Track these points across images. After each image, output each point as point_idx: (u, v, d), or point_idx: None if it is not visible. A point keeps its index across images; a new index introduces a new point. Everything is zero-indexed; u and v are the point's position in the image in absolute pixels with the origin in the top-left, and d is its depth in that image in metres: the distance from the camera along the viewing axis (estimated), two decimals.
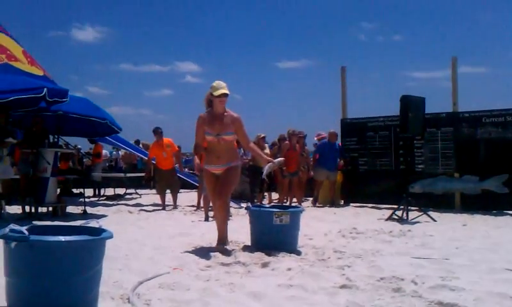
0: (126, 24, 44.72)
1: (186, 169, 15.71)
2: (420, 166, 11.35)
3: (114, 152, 19.57)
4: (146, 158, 13.09)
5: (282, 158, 6.57)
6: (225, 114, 5.74)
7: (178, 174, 14.30)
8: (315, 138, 13.72)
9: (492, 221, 9.13)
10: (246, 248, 5.85)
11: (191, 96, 42.12)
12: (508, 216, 9.83)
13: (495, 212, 10.20)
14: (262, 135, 12.50)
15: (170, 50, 44.44)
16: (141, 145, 16.46)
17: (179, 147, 14.71)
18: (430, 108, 10.34)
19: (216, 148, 5.74)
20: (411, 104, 9.39)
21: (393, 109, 10.19)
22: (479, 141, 10.80)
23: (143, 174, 14.22)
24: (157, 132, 11.37)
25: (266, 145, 12.71)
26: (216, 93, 5.66)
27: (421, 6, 41.50)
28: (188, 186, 14.32)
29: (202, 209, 9.91)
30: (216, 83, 5.69)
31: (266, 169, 6.11)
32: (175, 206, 11.32)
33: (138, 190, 15.78)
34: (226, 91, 5.67)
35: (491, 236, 7.30)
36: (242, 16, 43.41)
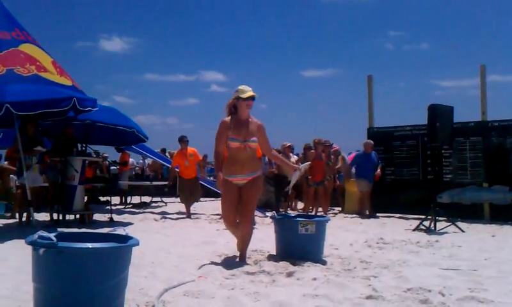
0: (152, 35, 45.31)
1: (211, 178, 15.72)
2: (448, 176, 11.19)
3: (141, 161, 19.75)
4: (170, 166, 13.14)
5: (308, 163, 6.49)
6: (250, 120, 5.48)
7: (203, 183, 14.37)
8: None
9: None
10: (271, 257, 5.83)
11: (216, 105, 42.31)
12: None
13: None
14: (288, 144, 12.51)
15: (195, 60, 44.88)
16: (167, 154, 16.58)
17: (205, 156, 14.80)
18: (458, 117, 10.20)
19: (240, 156, 5.37)
20: (439, 113, 9.27)
21: (421, 118, 10.10)
22: (508, 151, 10.61)
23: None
24: (183, 140, 11.43)
25: (291, 154, 12.69)
26: (244, 95, 5.36)
27: (448, 14, 41.19)
28: (213, 194, 14.34)
29: None
30: (242, 86, 5.42)
31: (294, 176, 5.93)
32: (189, 215, 11.31)
33: (164, 199, 15.89)
34: (254, 94, 5.41)
35: None
36: (267, 25, 43.65)
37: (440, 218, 9.29)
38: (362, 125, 12.72)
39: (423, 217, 9.38)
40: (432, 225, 9.03)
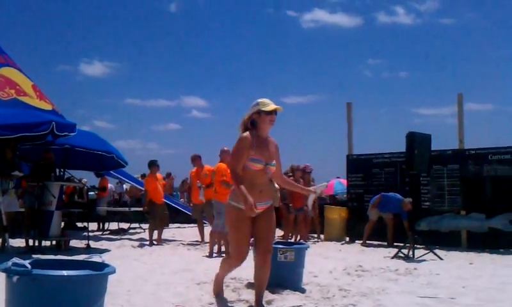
0: (133, 59, 45.31)
1: (190, 204, 15.65)
2: (426, 203, 11.29)
3: (119, 186, 19.61)
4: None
5: (324, 184, 5.69)
6: (268, 139, 4.65)
7: (183, 209, 14.32)
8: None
9: (499, 260, 9.02)
10: (249, 285, 5.77)
11: (197, 130, 42.25)
12: None
13: (502, 250, 10.08)
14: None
15: (177, 85, 44.91)
16: None
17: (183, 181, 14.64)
18: (436, 145, 10.34)
19: (260, 181, 4.47)
20: (417, 141, 9.38)
21: (399, 146, 10.20)
22: (485, 179, 10.75)
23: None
24: (156, 164, 11.34)
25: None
26: (267, 108, 4.49)
27: (427, 43, 42.01)
28: (193, 220, 14.23)
29: (206, 244, 9.85)
30: (263, 99, 4.57)
31: (310, 199, 5.35)
32: (160, 242, 11.05)
33: (142, 225, 15.73)
34: (279, 107, 4.56)
35: (499, 275, 7.19)
36: (249, 51, 44.07)
37: (418, 245, 9.34)
38: (342, 152, 12.82)
39: (402, 244, 9.42)
40: (410, 252, 9.07)
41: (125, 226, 15.13)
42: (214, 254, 8.96)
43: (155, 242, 10.81)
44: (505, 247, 10.19)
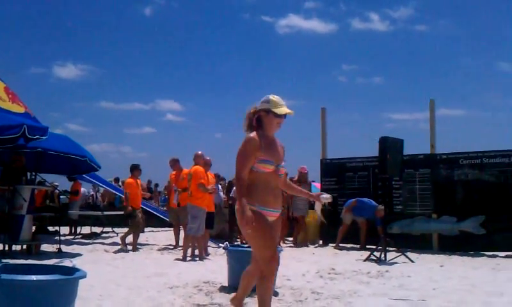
0: (107, 62, 44.78)
1: (164, 208, 15.56)
2: (398, 207, 11.42)
3: (92, 191, 19.38)
4: (123, 196, 12.63)
5: (330, 196, 4.60)
6: (275, 139, 4.21)
7: (157, 213, 14.23)
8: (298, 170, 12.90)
9: (469, 262, 9.18)
10: (223, 289, 5.79)
11: (172, 134, 42.00)
12: (485, 257, 9.88)
13: (472, 252, 10.26)
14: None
15: (151, 89, 44.48)
16: (120, 183, 16.35)
17: (156, 185, 14.57)
18: (409, 149, 10.48)
19: (274, 184, 4.04)
20: (389, 146, 9.50)
21: (373, 150, 10.31)
22: (456, 183, 10.92)
23: (120, 212, 14.00)
24: (138, 168, 11.20)
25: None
26: (279, 111, 4.03)
27: (401, 49, 42.53)
28: (168, 224, 14.17)
29: (180, 248, 9.80)
30: (275, 97, 4.09)
31: (317, 205, 4.80)
32: (135, 248, 10.74)
33: (115, 229, 15.57)
34: (291, 112, 4.11)
35: (469, 277, 7.32)
36: (225, 56, 43.97)
37: (391, 248, 9.45)
38: (316, 156, 12.89)
39: (374, 247, 9.51)
40: (382, 255, 9.17)
41: (97, 230, 14.97)
42: (188, 258, 8.93)
43: (129, 247, 10.62)
44: (476, 250, 10.36)
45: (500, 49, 39.02)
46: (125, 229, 11.29)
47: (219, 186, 12.16)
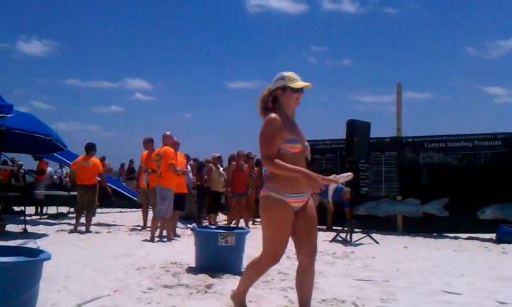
0: (74, 39, 44.01)
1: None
2: (364, 189, 11.60)
3: (58, 169, 19.11)
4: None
5: (350, 173, 4.12)
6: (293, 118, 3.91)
7: (124, 192, 14.09)
8: None
9: (432, 243, 9.41)
10: (190, 270, 5.81)
11: (140, 113, 41.65)
12: (448, 239, 10.14)
13: (435, 234, 10.52)
14: (218, 155, 12.56)
15: (119, 66, 43.92)
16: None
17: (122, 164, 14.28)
18: (377, 132, 10.63)
19: (301, 165, 3.66)
20: (356, 129, 9.61)
21: (340, 133, 10.41)
22: (421, 166, 11.15)
23: None
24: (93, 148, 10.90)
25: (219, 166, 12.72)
26: (295, 85, 3.75)
27: (370, 32, 42.84)
28: (136, 205, 14.09)
29: (148, 229, 9.78)
30: (290, 73, 3.80)
31: (330, 188, 4.42)
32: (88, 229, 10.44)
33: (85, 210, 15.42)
34: (309, 84, 3.82)
35: (431, 258, 7.51)
36: (194, 34, 43.61)
37: (356, 230, 9.60)
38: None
39: (340, 228, 9.66)
40: (348, 236, 9.32)
41: (64, 210, 14.80)
42: (156, 239, 8.92)
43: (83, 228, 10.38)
44: (439, 232, 10.64)
45: (466, 33, 39.72)
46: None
47: (189, 167, 12.14)
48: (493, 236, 9.88)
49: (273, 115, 3.64)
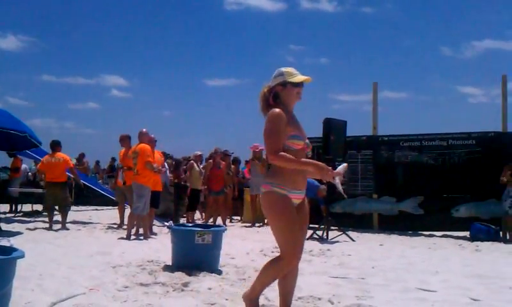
0: (50, 34, 43.28)
1: (108, 185, 15.35)
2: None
3: (34, 166, 18.85)
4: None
5: (344, 164, 3.86)
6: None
7: (100, 190, 13.95)
8: (250, 149, 12.79)
9: (408, 241, 9.52)
10: (166, 268, 5.79)
11: (117, 110, 41.20)
12: (423, 237, 10.27)
13: (410, 232, 10.65)
14: (199, 153, 12.53)
15: (96, 63, 43.27)
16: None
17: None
18: (353, 131, 10.68)
19: None
20: (333, 127, 9.65)
21: (318, 131, 10.45)
22: (396, 164, 11.27)
23: None
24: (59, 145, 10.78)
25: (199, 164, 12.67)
26: (295, 80, 3.69)
27: (347, 30, 43.04)
28: (113, 203, 13.97)
29: (125, 227, 9.71)
30: (289, 68, 3.75)
31: (336, 181, 3.78)
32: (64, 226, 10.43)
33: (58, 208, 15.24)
34: (309, 78, 3.75)
35: (406, 256, 7.61)
36: (171, 31, 43.29)
37: (333, 227, 9.67)
38: (261, 136, 12.89)
39: (317, 226, 9.72)
40: (325, 234, 9.38)
41: (39, 208, 14.61)
42: (132, 237, 8.86)
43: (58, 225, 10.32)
44: (414, 230, 10.76)
45: (442, 34, 40.22)
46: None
47: (166, 164, 12.09)
48: (467, 234, 10.04)
49: (277, 110, 3.58)
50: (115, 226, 10.90)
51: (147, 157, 8.93)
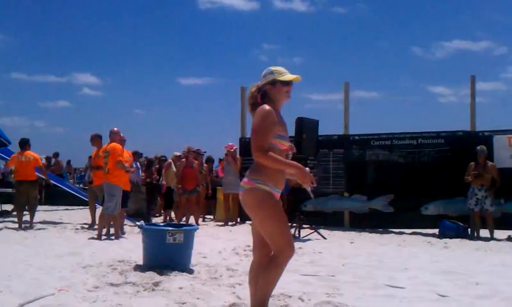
0: (20, 30, 42.51)
1: (80, 185, 15.19)
2: (312, 185, 11.72)
3: (2, 166, 18.53)
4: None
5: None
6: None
7: (70, 190, 13.79)
8: (225, 148, 12.67)
9: (378, 239, 9.65)
10: (137, 267, 5.76)
11: (88, 109, 40.72)
12: (393, 234, 10.43)
13: (380, 230, 10.79)
14: (179, 154, 12.47)
15: (67, 60, 42.62)
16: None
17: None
18: (325, 130, 10.76)
19: None
20: (305, 126, 9.70)
21: (290, 130, 10.51)
22: (367, 163, 11.41)
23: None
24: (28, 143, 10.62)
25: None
26: (284, 78, 3.66)
27: (320, 30, 43.32)
28: (84, 202, 13.80)
29: (96, 227, 9.61)
30: (278, 67, 3.71)
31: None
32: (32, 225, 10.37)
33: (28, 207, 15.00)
34: (298, 77, 3.74)
35: (376, 253, 7.71)
36: (145, 29, 42.90)
37: (305, 225, 9.74)
38: (235, 135, 12.98)
39: (288, 224, 9.76)
40: (297, 232, 9.45)
41: (8, 208, 14.35)
42: (103, 237, 8.79)
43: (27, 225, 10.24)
44: (384, 227, 10.92)
45: (412, 34, 40.79)
46: (37, 208, 10.91)
47: (137, 163, 12.02)
48: (435, 231, 10.22)
49: (268, 107, 3.53)
50: (86, 226, 10.78)
51: (118, 156, 8.86)
